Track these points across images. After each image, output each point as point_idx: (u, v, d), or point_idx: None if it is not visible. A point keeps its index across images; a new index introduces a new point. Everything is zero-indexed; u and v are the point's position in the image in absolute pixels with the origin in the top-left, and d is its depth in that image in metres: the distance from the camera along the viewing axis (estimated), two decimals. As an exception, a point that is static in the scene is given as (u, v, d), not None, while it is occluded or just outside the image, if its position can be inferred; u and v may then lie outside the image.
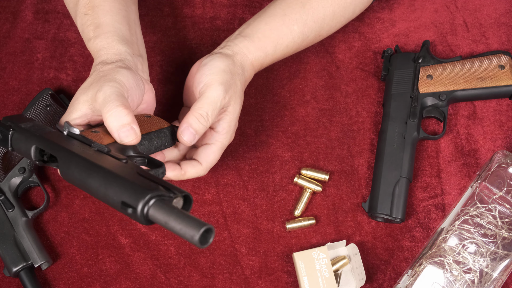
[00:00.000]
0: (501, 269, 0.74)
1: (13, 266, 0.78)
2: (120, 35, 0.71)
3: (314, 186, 0.82)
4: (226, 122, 0.73)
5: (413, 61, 0.86)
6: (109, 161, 0.57)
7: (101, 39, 0.71)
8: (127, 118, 0.62)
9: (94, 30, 0.72)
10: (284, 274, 0.80)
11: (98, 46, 0.71)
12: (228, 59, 0.73)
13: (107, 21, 0.72)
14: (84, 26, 0.73)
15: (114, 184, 0.53)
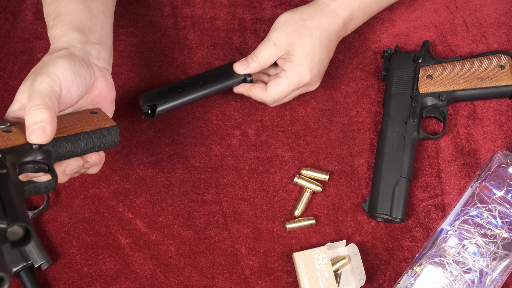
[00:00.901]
0: (501, 269, 0.74)
1: (13, 266, 0.78)
2: (76, 24, 0.70)
3: (314, 186, 0.82)
4: (290, 61, 0.79)
5: (413, 61, 0.86)
6: None
7: (56, 28, 0.70)
8: (41, 116, 0.60)
9: (54, 19, 0.71)
10: (284, 274, 0.80)
11: (53, 34, 0.70)
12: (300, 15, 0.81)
13: (67, 10, 0.71)
14: (47, 15, 0.73)
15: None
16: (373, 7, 0.84)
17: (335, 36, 0.81)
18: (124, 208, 0.83)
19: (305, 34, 0.79)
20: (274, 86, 0.80)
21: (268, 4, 0.94)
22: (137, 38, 0.92)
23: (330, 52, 0.82)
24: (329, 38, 0.80)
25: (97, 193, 0.84)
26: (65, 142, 0.64)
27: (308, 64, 0.79)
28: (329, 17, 0.80)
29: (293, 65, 0.79)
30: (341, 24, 0.81)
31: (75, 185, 0.85)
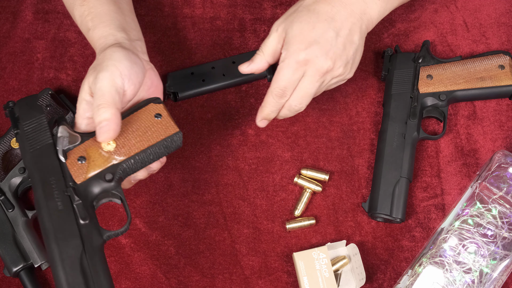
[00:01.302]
0: (501, 269, 0.74)
1: (13, 266, 0.78)
2: (117, 24, 0.73)
3: (314, 186, 0.82)
4: (285, 43, 0.74)
5: (413, 61, 0.86)
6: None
7: (99, 29, 0.72)
8: (104, 115, 0.64)
9: (92, 20, 0.73)
10: (284, 274, 0.80)
11: (97, 35, 0.72)
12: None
13: (104, 11, 0.73)
14: (82, 17, 0.74)
15: (57, 269, 0.59)
16: None
17: (350, 14, 0.73)
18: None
19: (302, 11, 0.73)
20: (274, 76, 0.74)
21: (268, 4, 0.94)
22: (137, 38, 0.92)
23: (341, 32, 0.72)
24: (341, 15, 0.73)
25: (97, 193, 0.84)
26: (134, 162, 0.67)
27: (301, 40, 0.71)
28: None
29: (286, 46, 0.73)
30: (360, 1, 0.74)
31: (75, 185, 0.85)
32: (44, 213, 0.61)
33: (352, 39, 0.74)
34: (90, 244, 0.61)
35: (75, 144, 0.65)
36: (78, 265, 0.58)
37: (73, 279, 0.58)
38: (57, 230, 0.60)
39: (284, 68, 0.73)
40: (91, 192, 0.64)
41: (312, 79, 0.73)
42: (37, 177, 0.63)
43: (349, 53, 0.74)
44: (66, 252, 0.59)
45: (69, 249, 0.59)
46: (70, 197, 0.62)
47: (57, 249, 0.59)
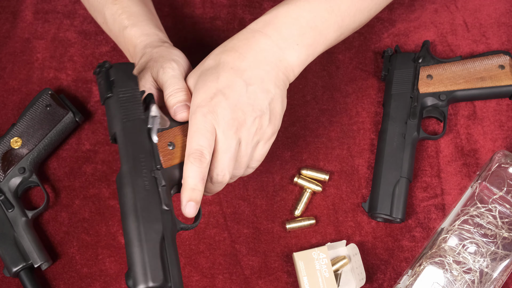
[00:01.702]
0: (501, 269, 0.74)
1: (13, 266, 0.78)
2: (155, 23, 0.75)
3: (314, 186, 0.82)
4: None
5: (413, 61, 0.86)
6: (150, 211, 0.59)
7: (140, 27, 0.73)
8: (181, 97, 0.65)
9: (129, 18, 0.73)
10: (284, 274, 0.80)
11: (137, 33, 0.72)
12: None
13: (139, 11, 0.75)
14: (116, 15, 0.74)
15: (135, 250, 0.57)
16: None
17: (262, 62, 0.65)
18: (124, 208, 0.83)
19: (209, 63, 0.67)
20: (187, 142, 0.64)
21: (268, 4, 0.94)
22: (137, 38, 0.92)
23: (252, 80, 0.64)
24: (251, 63, 0.65)
25: (97, 193, 0.84)
26: None
27: (205, 91, 0.64)
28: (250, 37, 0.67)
29: (192, 101, 0.66)
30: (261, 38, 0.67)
31: (75, 185, 0.85)
32: (130, 188, 0.59)
33: (266, 87, 0.64)
34: (168, 232, 0.59)
35: (164, 127, 0.64)
36: (158, 250, 0.57)
37: (151, 263, 0.56)
38: (142, 209, 0.58)
39: (192, 126, 0.63)
40: (173, 180, 0.63)
41: (225, 135, 0.63)
42: (128, 150, 0.60)
43: (263, 103, 0.64)
44: (149, 234, 0.57)
45: (152, 232, 0.57)
46: (157, 180, 0.60)
47: (139, 229, 0.57)
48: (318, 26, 0.68)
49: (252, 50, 0.66)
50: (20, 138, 0.83)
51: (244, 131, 0.63)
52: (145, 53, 0.70)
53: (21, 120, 0.83)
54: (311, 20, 0.68)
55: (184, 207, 0.62)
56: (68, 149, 0.87)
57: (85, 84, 0.90)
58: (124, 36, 0.74)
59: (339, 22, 0.70)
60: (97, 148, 0.86)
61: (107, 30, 0.78)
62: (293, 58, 0.67)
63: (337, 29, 0.70)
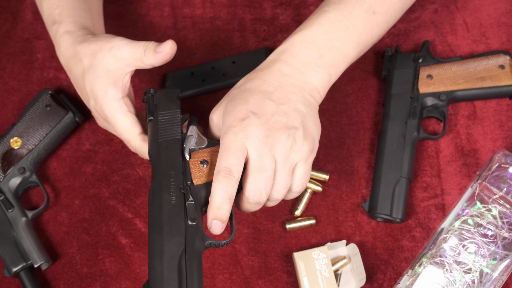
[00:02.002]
0: (501, 269, 0.74)
1: (13, 266, 0.78)
2: (81, 23, 0.74)
3: (314, 186, 0.82)
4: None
5: (413, 61, 0.86)
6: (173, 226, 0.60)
7: (65, 25, 0.73)
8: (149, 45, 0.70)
9: (60, 14, 0.74)
10: (284, 274, 0.80)
11: (61, 31, 0.73)
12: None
13: (71, 7, 0.74)
14: (50, 10, 0.75)
15: (154, 262, 0.59)
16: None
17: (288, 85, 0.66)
18: (124, 208, 0.83)
19: (234, 92, 0.67)
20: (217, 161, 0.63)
21: (268, 4, 0.94)
22: (137, 38, 0.92)
23: (281, 101, 0.64)
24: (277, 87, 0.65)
25: (97, 193, 0.84)
26: None
27: (236, 114, 0.63)
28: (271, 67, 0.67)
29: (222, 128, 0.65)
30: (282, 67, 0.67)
31: (75, 185, 0.85)
32: (156, 203, 0.61)
33: (296, 107, 0.65)
34: (191, 246, 0.60)
35: (201, 146, 0.66)
36: (176, 262, 0.58)
37: (168, 275, 0.57)
38: (165, 222, 0.60)
39: (222, 145, 0.62)
40: (204, 197, 0.64)
41: (258, 153, 0.61)
42: (159, 168, 0.63)
43: (296, 120, 0.63)
44: (169, 246, 0.59)
45: (172, 245, 0.59)
46: (185, 195, 0.62)
47: (160, 241, 0.59)
48: (336, 46, 0.69)
49: (276, 76, 0.66)
50: (20, 138, 0.83)
51: (279, 148, 0.62)
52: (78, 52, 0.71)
53: (21, 120, 0.83)
54: (328, 41, 0.68)
55: (209, 225, 0.62)
56: (68, 149, 0.87)
57: (85, 84, 0.90)
58: (51, 32, 0.75)
59: (357, 39, 0.70)
60: (97, 148, 0.86)
61: (44, 21, 0.78)
62: (316, 80, 0.68)
63: (356, 46, 0.70)
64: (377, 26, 0.72)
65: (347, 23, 0.69)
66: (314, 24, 0.69)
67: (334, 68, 0.69)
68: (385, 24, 0.73)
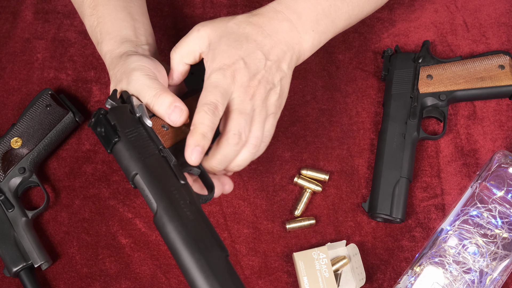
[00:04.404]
0: (501, 269, 0.74)
1: (13, 266, 0.78)
2: (122, 35, 0.72)
3: (314, 186, 0.82)
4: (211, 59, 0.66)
5: (413, 61, 0.86)
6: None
7: (105, 44, 0.72)
8: (168, 99, 0.63)
9: (101, 33, 0.73)
10: (284, 274, 0.80)
11: (104, 51, 0.72)
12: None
13: (111, 21, 0.73)
14: (92, 28, 0.74)
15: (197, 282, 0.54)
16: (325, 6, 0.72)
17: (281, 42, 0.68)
18: (124, 208, 0.83)
19: (232, 29, 0.68)
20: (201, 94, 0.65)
21: (268, 4, 0.94)
22: (137, 38, 0.92)
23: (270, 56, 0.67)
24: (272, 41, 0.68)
25: (97, 193, 0.84)
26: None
27: (228, 56, 0.66)
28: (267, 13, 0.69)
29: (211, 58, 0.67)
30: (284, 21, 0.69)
31: (75, 185, 0.85)
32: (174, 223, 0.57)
33: (280, 66, 0.68)
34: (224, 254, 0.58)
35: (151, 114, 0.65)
36: (226, 274, 0.55)
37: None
38: (197, 240, 0.56)
39: (210, 82, 0.64)
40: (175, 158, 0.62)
41: (241, 99, 0.65)
42: (158, 187, 0.59)
43: (276, 79, 0.67)
44: (212, 262, 0.55)
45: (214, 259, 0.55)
46: (167, 158, 0.60)
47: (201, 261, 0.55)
48: (332, 14, 0.72)
49: (274, 29, 0.68)
50: (20, 138, 0.83)
51: (257, 99, 0.65)
52: (111, 76, 0.69)
53: (21, 120, 0.83)
54: (327, 8, 0.71)
55: (190, 152, 0.61)
56: (68, 149, 0.87)
57: (85, 84, 0.90)
58: (99, 52, 0.74)
59: (349, 12, 0.74)
60: (97, 148, 0.86)
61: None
62: (307, 44, 0.70)
63: (347, 18, 0.74)
64: (368, 3, 0.76)
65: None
66: None
67: (324, 36, 0.72)
68: (374, 3, 0.77)
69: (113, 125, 0.61)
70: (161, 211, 0.57)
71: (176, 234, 0.56)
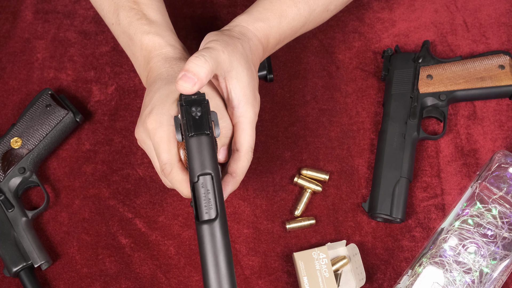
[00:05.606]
0: (501, 269, 0.74)
1: (13, 266, 0.78)
2: (175, 37, 0.74)
3: (314, 186, 0.82)
4: (237, 90, 0.66)
5: (413, 61, 0.86)
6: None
7: (163, 37, 0.72)
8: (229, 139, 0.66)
9: (150, 24, 0.73)
10: (284, 274, 0.80)
11: (162, 42, 0.72)
12: (222, 32, 0.71)
13: (161, 20, 0.74)
14: (134, 19, 0.73)
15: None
16: (288, 35, 0.77)
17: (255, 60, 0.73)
18: (124, 208, 0.83)
19: (239, 51, 0.68)
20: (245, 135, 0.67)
21: (268, 4, 0.94)
22: (137, 38, 0.92)
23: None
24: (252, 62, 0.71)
25: (97, 193, 0.84)
26: None
27: (252, 97, 0.68)
28: (255, 41, 0.72)
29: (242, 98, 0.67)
30: (259, 47, 0.73)
31: (75, 185, 0.85)
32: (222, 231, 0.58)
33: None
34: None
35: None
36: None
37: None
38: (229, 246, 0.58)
39: (249, 123, 0.67)
40: None
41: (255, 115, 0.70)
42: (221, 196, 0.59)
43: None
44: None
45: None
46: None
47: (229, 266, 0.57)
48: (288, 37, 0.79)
49: (257, 52, 0.72)
50: (20, 138, 0.83)
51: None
52: (164, 72, 0.69)
53: (21, 120, 0.83)
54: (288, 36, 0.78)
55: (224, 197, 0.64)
56: (68, 149, 0.87)
57: (85, 84, 0.90)
58: (142, 42, 0.72)
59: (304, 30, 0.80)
60: (97, 148, 0.86)
61: (118, 31, 0.76)
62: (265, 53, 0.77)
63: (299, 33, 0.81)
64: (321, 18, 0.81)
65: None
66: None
67: (278, 46, 0.79)
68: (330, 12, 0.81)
69: (210, 118, 0.59)
70: (221, 221, 0.57)
71: (224, 248, 0.57)
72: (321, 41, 0.92)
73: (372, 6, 0.93)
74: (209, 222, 0.56)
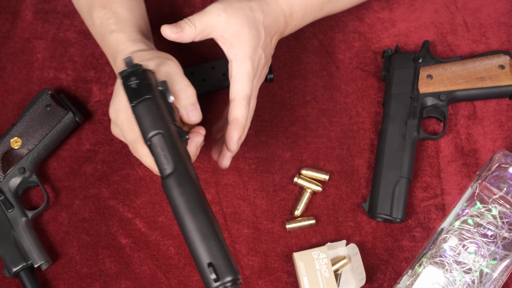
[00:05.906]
0: (501, 269, 0.74)
1: (13, 266, 0.78)
2: (142, 31, 0.76)
3: (314, 186, 0.82)
4: (236, 46, 0.70)
5: (413, 61, 0.86)
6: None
7: (125, 33, 0.73)
8: (195, 97, 0.67)
9: (116, 23, 0.74)
10: (284, 274, 0.80)
11: (123, 38, 0.73)
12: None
13: (128, 17, 0.75)
14: (104, 19, 0.74)
15: (211, 243, 0.55)
16: (315, 6, 0.79)
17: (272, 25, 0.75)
18: (124, 208, 0.83)
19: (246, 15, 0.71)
20: (238, 82, 0.71)
21: (268, 4, 0.94)
22: (137, 38, 0.92)
23: (273, 39, 0.76)
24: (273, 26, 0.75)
25: (97, 193, 0.84)
26: None
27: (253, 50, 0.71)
28: (268, 6, 0.74)
29: (237, 47, 0.71)
30: (279, 13, 0.75)
31: (75, 185, 0.85)
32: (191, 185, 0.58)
33: (272, 41, 0.76)
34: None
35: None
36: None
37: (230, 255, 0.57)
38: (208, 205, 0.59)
39: (248, 72, 0.71)
40: None
41: (255, 87, 0.74)
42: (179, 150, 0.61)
43: (269, 55, 0.76)
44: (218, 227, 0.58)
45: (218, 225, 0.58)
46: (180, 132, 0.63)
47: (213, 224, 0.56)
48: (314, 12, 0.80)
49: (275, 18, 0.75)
50: (20, 138, 0.83)
51: (258, 82, 0.75)
52: (137, 55, 0.70)
53: (21, 120, 0.83)
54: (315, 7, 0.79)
55: (234, 144, 0.71)
56: (68, 149, 0.87)
57: (85, 84, 0.90)
58: (109, 41, 0.74)
59: (330, 10, 0.82)
60: (97, 148, 0.86)
61: (94, 32, 0.78)
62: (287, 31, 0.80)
63: (326, 14, 0.82)
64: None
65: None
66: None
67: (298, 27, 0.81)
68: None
69: (148, 83, 0.62)
70: (179, 172, 0.58)
71: (192, 195, 0.57)
72: (321, 41, 0.92)
73: (372, 6, 0.93)
74: (168, 176, 0.58)
